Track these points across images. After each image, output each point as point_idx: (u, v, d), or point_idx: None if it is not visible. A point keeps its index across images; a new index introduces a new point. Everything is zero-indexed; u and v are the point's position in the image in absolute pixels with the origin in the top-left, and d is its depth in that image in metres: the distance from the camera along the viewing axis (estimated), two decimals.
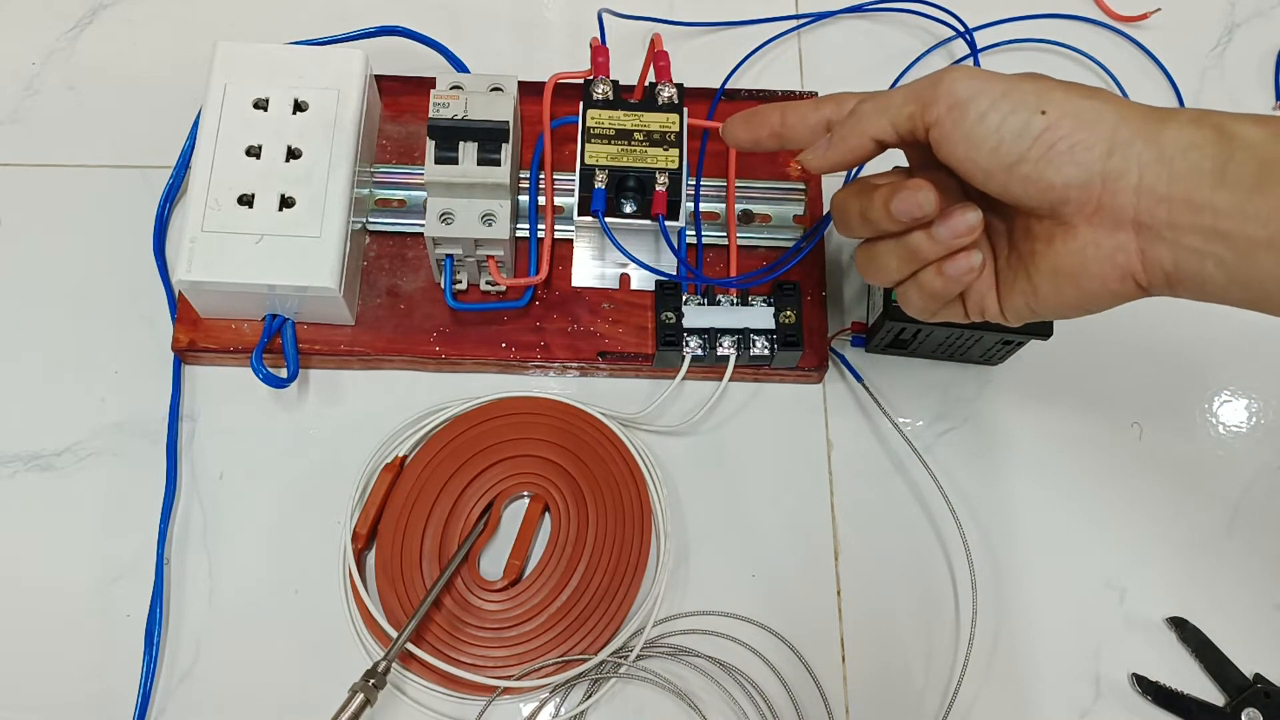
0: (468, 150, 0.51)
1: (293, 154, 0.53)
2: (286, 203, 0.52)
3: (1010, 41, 0.65)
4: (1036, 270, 0.40)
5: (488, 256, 0.54)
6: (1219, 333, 0.60)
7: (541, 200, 0.57)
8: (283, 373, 0.54)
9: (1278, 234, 0.35)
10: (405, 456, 0.54)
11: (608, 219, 0.53)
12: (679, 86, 0.54)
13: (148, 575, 0.52)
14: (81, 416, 0.55)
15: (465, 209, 0.52)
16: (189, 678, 0.51)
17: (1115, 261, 0.38)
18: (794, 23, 0.65)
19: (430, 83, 0.53)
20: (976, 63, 0.63)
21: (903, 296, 0.44)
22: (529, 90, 0.56)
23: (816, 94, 0.61)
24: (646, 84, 0.54)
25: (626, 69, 0.58)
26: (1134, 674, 0.53)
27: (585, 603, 0.51)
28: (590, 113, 0.53)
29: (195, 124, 0.57)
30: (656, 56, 0.55)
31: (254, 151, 0.53)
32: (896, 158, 0.45)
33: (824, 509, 0.55)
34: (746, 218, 0.58)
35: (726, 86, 0.62)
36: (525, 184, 0.57)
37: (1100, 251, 0.38)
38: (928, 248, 0.41)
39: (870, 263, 0.43)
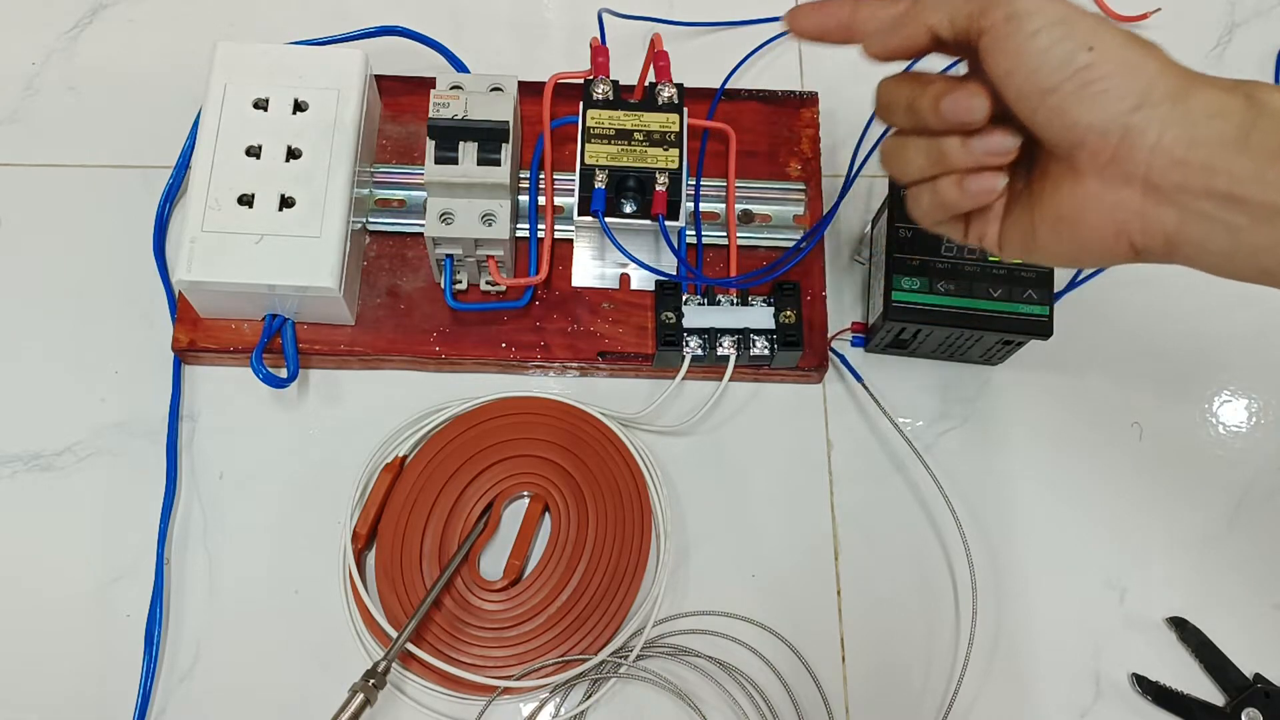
0: (468, 150, 0.51)
1: (293, 154, 0.53)
2: (286, 203, 0.52)
3: None
4: (1040, 212, 0.40)
5: (488, 256, 0.54)
6: (1219, 332, 0.60)
7: (541, 200, 0.57)
8: (283, 373, 0.54)
9: None
10: (405, 456, 0.54)
11: (608, 219, 0.53)
12: (679, 86, 0.54)
13: (148, 575, 0.52)
14: (81, 416, 0.55)
15: (465, 209, 0.52)
16: (189, 678, 0.51)
17: (1114, 217, 0.38)
18: None
19: (430, 83, 0.53)
20: None
21: (913, 197, 0.43)
22: (529, 90, 0.56)
23: (816, 94, 0.61)
24: (646, 84, 0.54)
25: (626, 69, 0.57)
26: (1134, 674, 0.53)
27: (585, 603, 0.51)
28: (590, 113, 0.53)
29: (195, 124, 0.57)
30: (656, 56, 0.55)
31: (254, 151, 0.53)
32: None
33: (824, 509, 0.55)
34: (746, 218, 0.58)
35: (726, 86, 0.62)
36: (525, 184, 0.57)
37: (1101, 204, 0.38)
38: (958, 156, 0.40)
39: (896, 153, 0.43)
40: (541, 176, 0.57)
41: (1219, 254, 0.37)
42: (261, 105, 0.54)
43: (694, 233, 0.58)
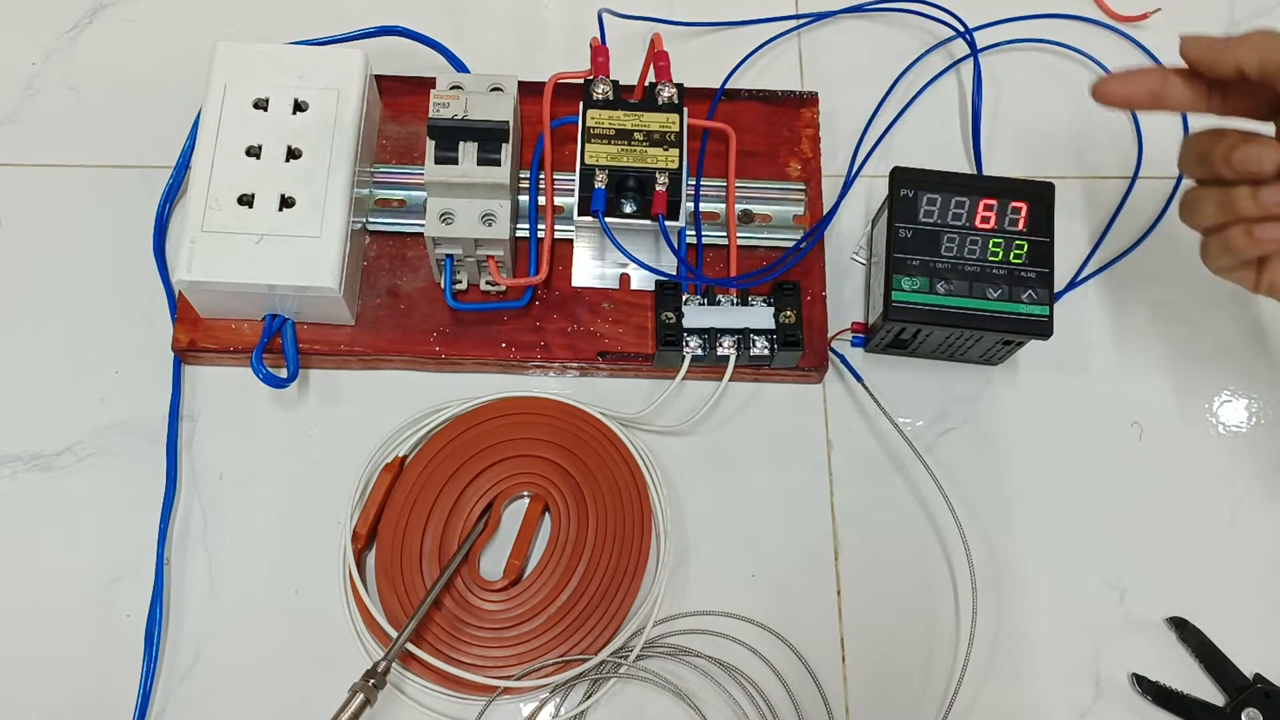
0: (468, 150, 0.51)
1: (293, 154, 0.53)
2: (286, 203, 0.52)
3: (1010, 41, 0.65)
4: None
5: (488, 256, 0.54)
6: (1219, 332, 0.60)
7: (541, 200, 0.57)
8: (283, 373, 0.54)
9: None
10: (405, 456, 0.54)
11: (608, 219, 0.53)
12: (679, 86, 0.54)
13: (148, 575, 0.52)
14: (81, 416, 0.55)
15: (465, 209, 0.52)
16: (189, 678, 0.51)
17: None
18: (794, 23, 0.65)
19: (430, 83, 0.53)
20: (976, 64, 0.63)
21: (1205, 247, 0.46)
22: (529, 90, 0.56)
23: (816, 94, 0.61)
24: (646, 84, 0.54)
25: (626, 69, 0.57)
26: (1134, 674, 0.53)
27: (585, 603, 0.51)
28: (590, 113, 0.53)
29: (195, 124, 0.57)
30: (656, 56, 0.55)
31: (254, 151, 0.53)
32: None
33: (824, 509, 0.55)
34: (746, 218, 0.58)
35: (726, 86, 0.62)
36: (525, 184, 0.57)
37: None
38: (1246, 205, 0.43)
39: (1191, 203, 0.46)
40: (541, 176, 0.57)
41: None
42: (261, 105, 0.54)
43: (694, 233, 0.58)
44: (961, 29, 0.64)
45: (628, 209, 0.53)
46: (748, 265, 0.58)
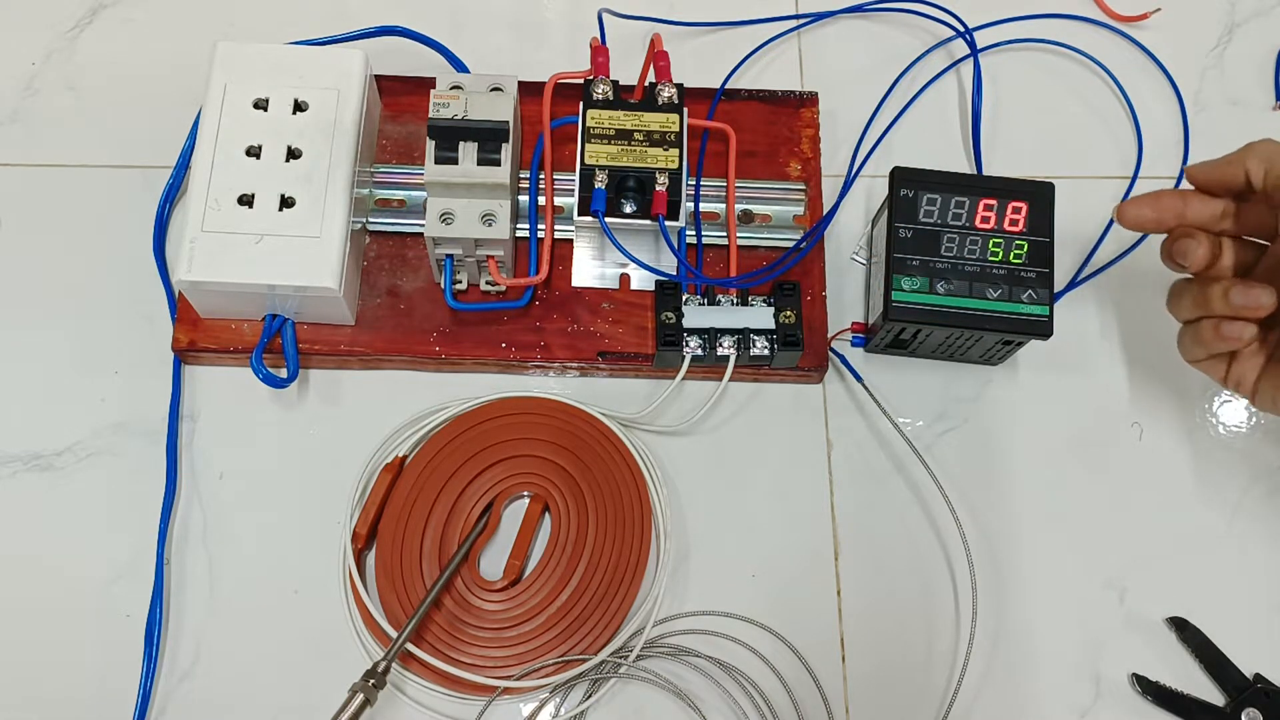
0: (468, 150, 0.51)
1: (293, 154, 0.53)
2: (286, 203, 0.52)
3: (1010, 41, 0.65)
4: None
5: (488, 256, 0.54)
6: None
7: (541, 200, 0.57)
8: (283, 373, 0.54)
9: None
10: (405, 456, 0.54)
11: (608, 219, 0.53)
12: (679, 86, 0.54)
13: (148, 575, 0.52)
14: (81, 416, 0.55)
15: (465, 209, 0.52)
16: (189, 678, 0.51)
17: None
18: (794, 23, 0.65)
19: (430, 83, 0.53)
20: (976, 64, 0.63)
21: (1181, 337, 0.51)
22: (529, 90, 0.56)
23: (816, 94, 0.61)
24: (646, 84, 0.54)
25: (626, 69, 0.58)
26: (1134, 674, 0.53)
27: (585, 603, 0.51)
28: (590, 113, 0.53)
29: (195, 124, 0.57)
30: (656, 56, 0.55)
31: (254, 151, 0.53)
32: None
33: (824, 509, 0.55)
34: (746, 218, 0.58)
35: (726, 86, 0.62)
36: (525, 184, 0.57)
37: None
38: (1218, 302, 0.47)
39: (1174, 294, 0.51)
40: (541, 176, 0.57)
41: None
42: (261, 105, 0.54)
43: (694, 233, 0.58)
44: (961, 29, 0.64)
45: (628, 209, 0.53)
46: (748, 265, 0.58)
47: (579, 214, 0.53)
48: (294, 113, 0.54)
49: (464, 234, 0.52)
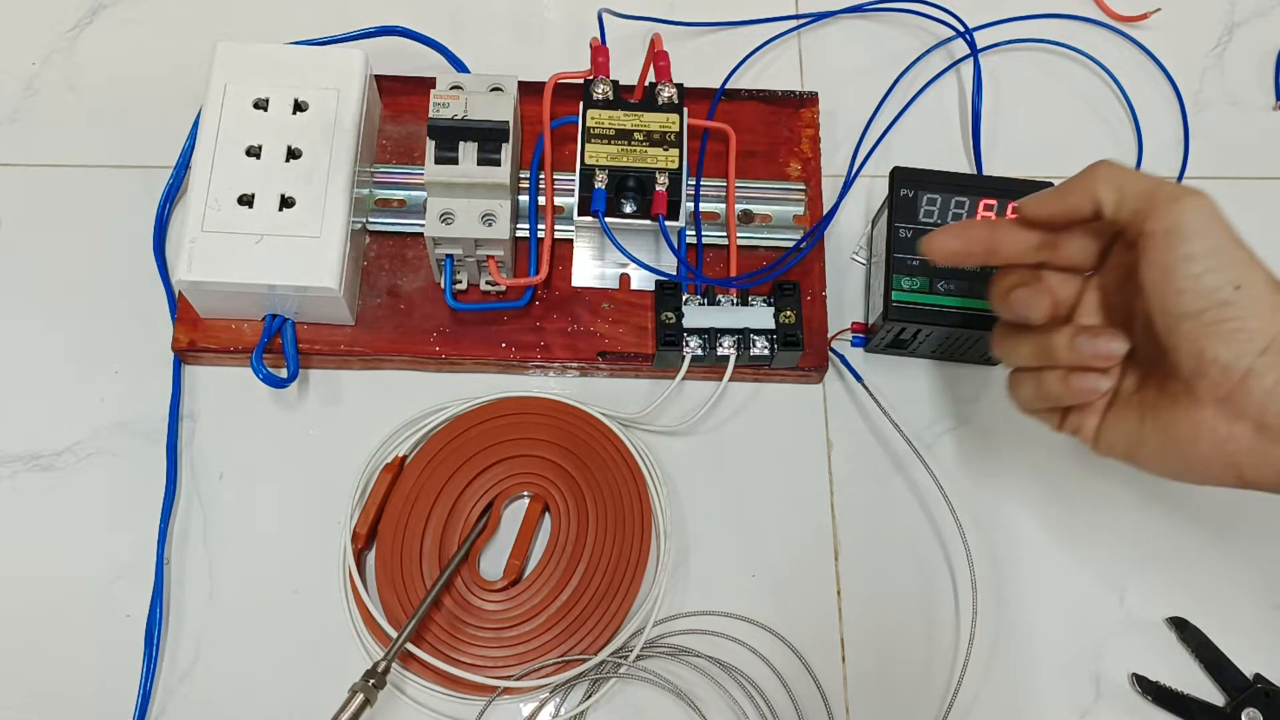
0: (468, 150, 0.51)
1: (293, 154, 0.53)
2: (286, 203, 0.52)
3: (1010, 41, 0.65)
4: (1152, 421, 0.40)
5: (488, 256, 0.54)
6: None
7: (541, 200, 0.57)
8: (283, 373, 0.54)
9: None
10: (405, 456, 0.54)
11: (608, 219, 0.53)
12: (679, 86, 0.54)
13: (148, 575, 0.52)
14: (81, 416, 0.55)
15: (465, 209, 0.52)
16: (189, 678, 0.51)
17: (1225, 449, 0.39)
18: (794, 23, 0.65)
19: (430, 83, 0.53)
20: (976, 64, 0.63)
21: (1015, 383, 0.45)
22: (529, 90, 0.56)
23: (816, 94, 0.61)
24: (646, 84, 0.54)
25: (626, 69, 0.58)
26: (1134, 674, 0.53)
27: (585, 603, 0.51)
28: (590, 113, 0.53)
29: (195, 124, 0.57)
30: (656, 56, 0.55)
31: (254, 151, 0.53)
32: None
33: (824, 509, 0.55)
34: (746, 218, 0.58)
35: (726, 86, 0.62)
36: (525, 184, 0.57)
37: (1215, 435, 0.39)
38: (1064, 353, 0.41)
39: (1005, 340, 0.45)
40: (541, 176, 0.57)
41: None
42: (261, 105, 0.54)
43: (694, 233, 0.58)
44: (961, 29, 0.64)
45: (628, 209, 0.53)
46: (748, 265, 0.58)
47: (579, 214, 0.53)
48: (294, 113, 0.54)
49: (464, 234, 0.52)
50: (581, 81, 0.54)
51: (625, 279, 0.57)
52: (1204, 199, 0.39)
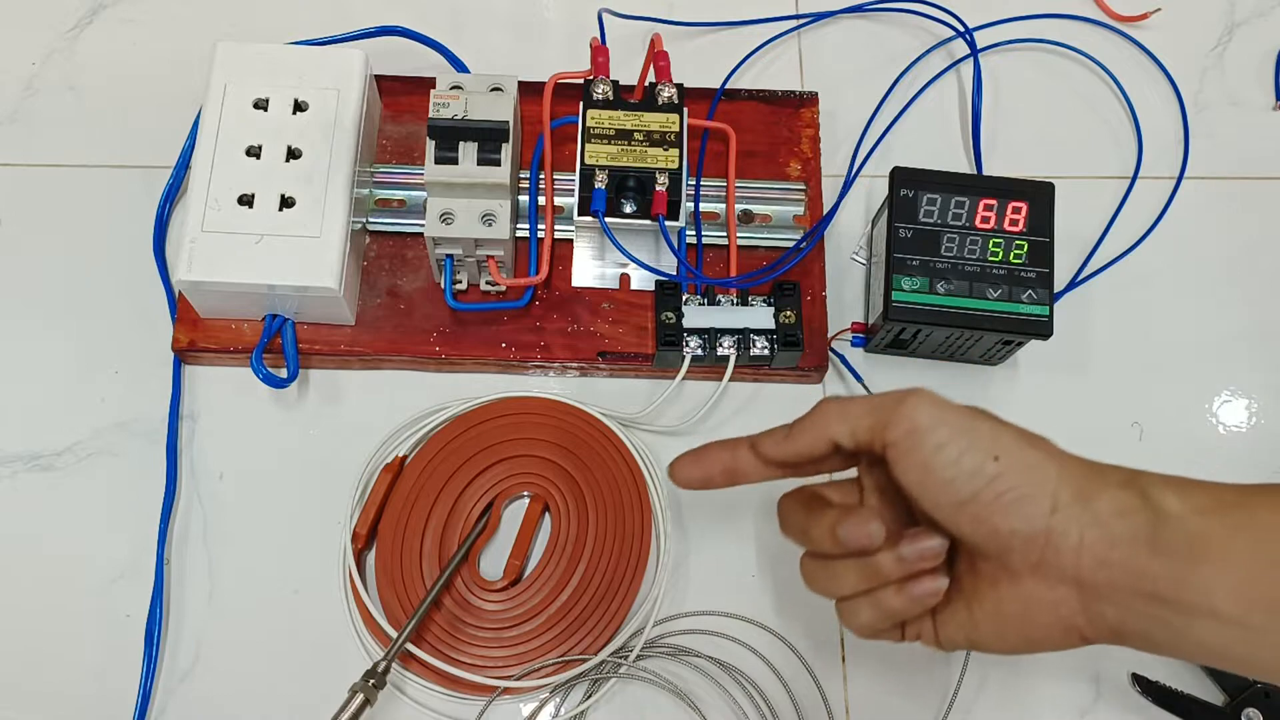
0: (468, 150, 0.51)
1: (293, 154, 0.53)
2: (286, 203, 0.52)
3: (1010, 41, 0.65)
4: (979, 606, 0.40)
5: (488, 256, 0.54)
6: (1220, 332, 0.60)
7: (541, 200, 0.57)
8: (283, 373, 0.54)
9: (1217, 604, 0.35)
10: (405, 456, 0.54)
11: (608, 219, 0.53)
12: (679, 86, 0.54)
13: (148, 575, 0.52)
14: (81, 416, 0.55)
15: (465, 209, 0.52)
16: (189, 678, 0.51)
17: (1059, 614, 0.38)
18: (794, 23, 0.65)
19: (430, 83, 0.53)
20: (976, 64, 0.63)
21: (848, 612, 0.41)
22: (529, 90, 0.56)
23: (816, 94, 0.61)
24: (646, 84, 0.54)
25: (626, 69, 0.57)
26: (1134, 674, 0.53)
27: (585, 603, 0.51)
28: (590, 113, 0.53)
29: (195, 124, 0.57)
30: (656, 56, 0.55)
31: (254, 151, 0.53)
32: None
33: None
34: (746, 218, 0.58)
35: (726, 86, 0.62)
36: (525, 184, 0.57)
37: (1043, 603, 0.38)
38: (891, 567, 0.40)
39: (821, 573, 0.42)
40: (541, 176, 0.57)
41: (1164, 644, 0.37)
42: (261, 105, 0.54)
43: (694, 233, 0.58)
44: (961, 29, 0.64)
45: (628, 209, 0.53)
46: (748, 265, 0.58)
47: (579, 214, 0.53)
48: (294, 113, 0.54)
49: (464, 234, 0.52)
50: (581, 81, 0.54)
51: (625, 279, 0.57)
52: (925, 392, 0.39)
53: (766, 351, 0.55)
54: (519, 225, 0.56)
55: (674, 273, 0.55)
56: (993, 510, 0.37)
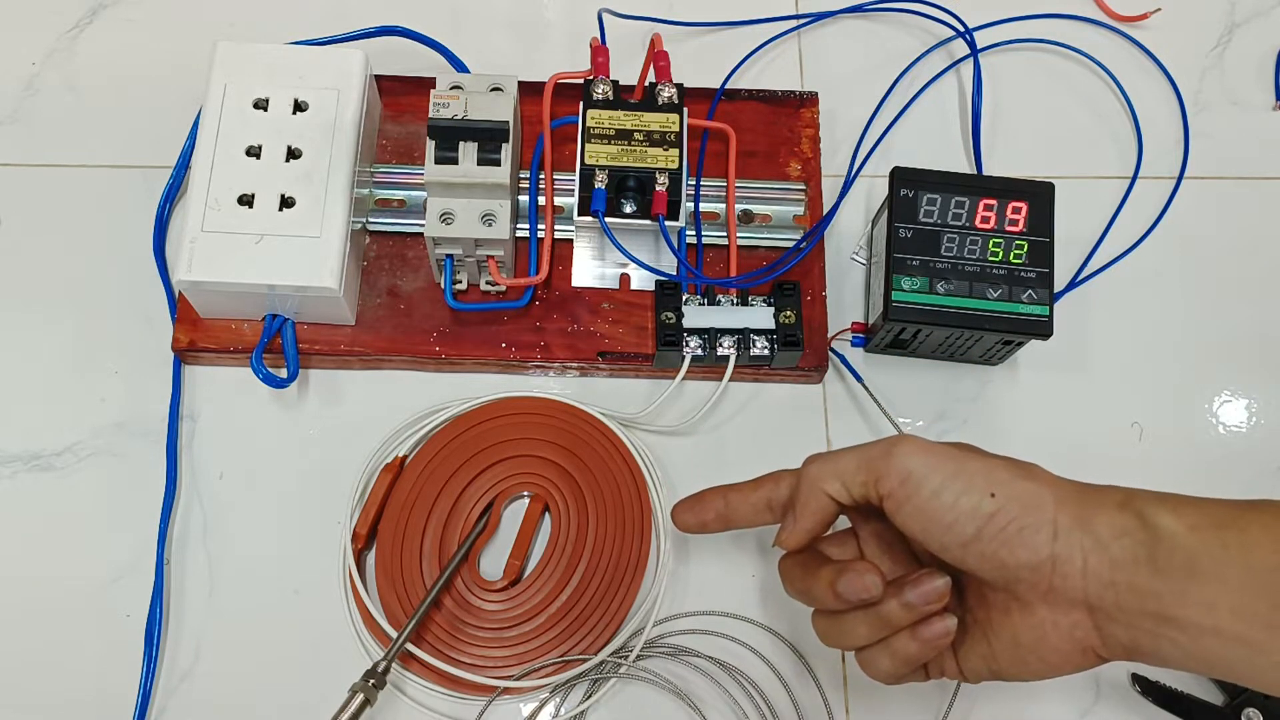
0: (468, 150, 0.51)
1: (293, 154, 0.53)
2: (286, 203, 0.52)
3: (1010, 41, 0.65)
4: (996, 637, 0.41)
5: (488, 256, 0.54)
6: (1220, 332, 0.60)
7: (541, 200, 0.57)
8: (283, 373, 0.54)
9: (1221, 621, 0.36)
10: (405, 456, 0.54)
11: (608, 219, 0.53)
12: (679, 86, 0.54)
13: (148, 575, 0.52)
14: (81, 416, 0.55)
15: (465, 209, 0.52)
16: (189, 678, 0.51)
17: (1074, 637, 0.39)
18: (794, 23, 0.65)
19: (430, 83, 0.53)
20: (976, 64, 0.63)
21: (868, 661, 0.42)
22: (529, 90, 0.56)
23: (816, 94, 0.61)
24: (646, 84, 0.54)
25: (626, 69, 0.57)
26: (1134, 674, 0.53)
27: (585, 603, 0.51)
28: (590, 113, 0.53)
29: (195, 124, 0.57)
30: (656, 56, 0.55)
31: (254, 151, 0.53)
32: None
33: None
34: (746, 218, 0.58)
35: (726, 86, 0.62)
36: (525, 184, 0.57)
37: (1059, 629, 0.39)
38: (900, 614, 0.41)
39: (833, 629, 0.43)
40: (541, 176, 0.57)
41: (1177, 661, 0.38)
42: (261, 105, 0.54)
43: (694, 233, 0.58)
44: (961, 29, 0.64)
45: (628, 209, 0.53)
46: (748, 265, 0.58)
47: (579, 214, 0.53)
48: (294, 113, 0.54)
49: (464, 234, 0.52)
50: (581, 81, 0.54)
51: (625, 279, 0.57)
52: (910, 438, 0.40)
53: (766, 351, 0.55)
54: (519, 225, 0.56)
55: (674, 273, 0.55)
56: (997, 545, 0.38)
